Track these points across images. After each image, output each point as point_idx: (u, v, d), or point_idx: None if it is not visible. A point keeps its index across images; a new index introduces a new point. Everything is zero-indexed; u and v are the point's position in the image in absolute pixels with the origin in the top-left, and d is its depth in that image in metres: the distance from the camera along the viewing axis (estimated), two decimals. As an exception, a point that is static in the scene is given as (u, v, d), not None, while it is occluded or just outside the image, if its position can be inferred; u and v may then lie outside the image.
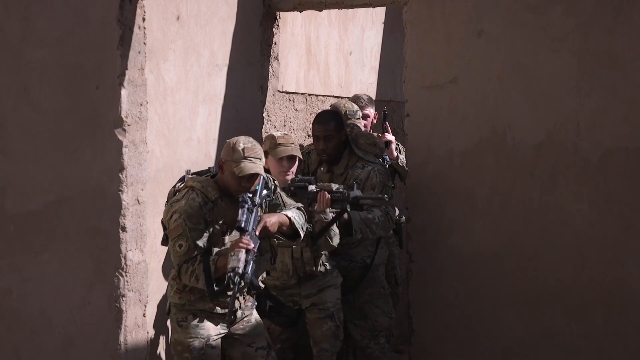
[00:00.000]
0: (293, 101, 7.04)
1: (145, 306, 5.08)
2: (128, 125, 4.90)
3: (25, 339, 4.94)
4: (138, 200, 4.97)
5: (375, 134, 6.24)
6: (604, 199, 5.58)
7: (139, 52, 4.98)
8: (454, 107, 5.88)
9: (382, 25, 8.54)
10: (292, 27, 6.96)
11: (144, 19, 5.01)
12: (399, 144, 6.32)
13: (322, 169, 5.58)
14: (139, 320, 5.01)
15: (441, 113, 5.92)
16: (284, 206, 4.79)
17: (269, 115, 6.63)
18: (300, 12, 6.61)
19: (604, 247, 5.61)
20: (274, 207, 4.79)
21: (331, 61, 7.71)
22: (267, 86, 6.61)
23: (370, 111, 6.38)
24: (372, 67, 8.57)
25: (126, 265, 4.91)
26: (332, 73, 7.74)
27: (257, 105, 6.49)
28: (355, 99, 6.39)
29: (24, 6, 4.98)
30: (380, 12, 8.38)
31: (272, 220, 4.62)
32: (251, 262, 4.38)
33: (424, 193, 5.94)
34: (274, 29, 6.59)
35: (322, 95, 7.46)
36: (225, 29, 6.08)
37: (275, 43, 6.63)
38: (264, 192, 4.66)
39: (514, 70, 5.76)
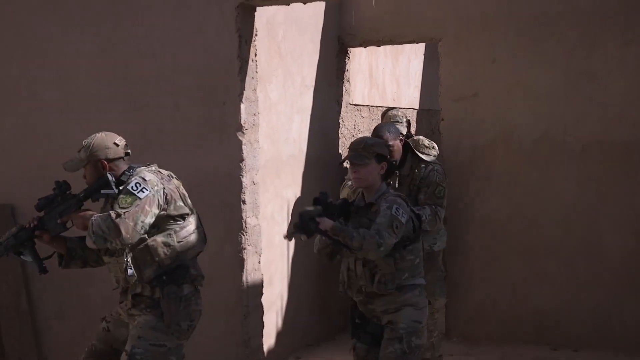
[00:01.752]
0: (360, 111, 7.48)
1: (260, 256, 5.47)
2: (245, 129, 5.31)
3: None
4: (253, 181, 5.39)
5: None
6: (585, 178, 6.14)
7: (252, 78, 5.39)
8: (476, 113, 6.36)
9: (423, 55, 9.04)
10: (358, 58, 7.43)
11: (255, 55, 5.42)
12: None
13: None
14: (255, 266, 5.44)
15: (466, 118, 6.38)
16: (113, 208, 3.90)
17: (343, 122, 7.13)
18: (365, 47, 7.15)
19: (585, 213, 6.17)
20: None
21: (386, 82, 8.12)
22: (342, 100, 7.09)
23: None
24: (416, 86, 8.95)
25: (246, 227, 5.33)
26: (387, 90, 8.13)
27: (335, 114, 6.99)
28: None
29: (175, 46, 5.40)
30: (421, 46, 8.86)
31: (81, 215, 3.99)
32: (16, 238, 4.01)
33: (455, 175, 6.34)
34: (346, 59, 7.11)
35: (381, 107, 7.83)
36: (311, 61, 6.56)
37: (347, 69, 7.13)
38: (106, 191, 3.95)
39: (518, 85, 6.25)
